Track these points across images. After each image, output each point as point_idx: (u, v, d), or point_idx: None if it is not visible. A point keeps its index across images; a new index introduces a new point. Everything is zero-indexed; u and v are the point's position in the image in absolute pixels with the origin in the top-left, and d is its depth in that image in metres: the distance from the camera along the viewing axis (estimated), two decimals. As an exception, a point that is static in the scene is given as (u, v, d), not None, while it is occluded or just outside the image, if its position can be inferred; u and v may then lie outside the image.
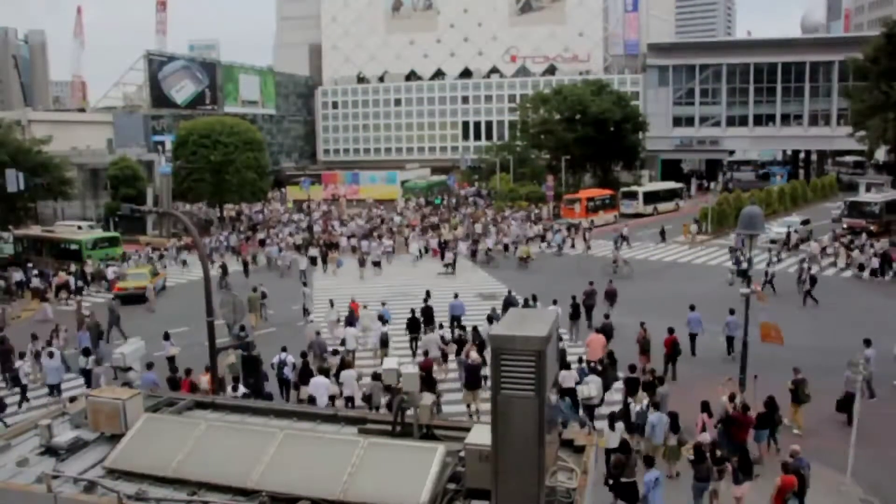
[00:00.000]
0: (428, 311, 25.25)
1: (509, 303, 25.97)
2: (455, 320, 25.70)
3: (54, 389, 21.21)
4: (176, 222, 55.44)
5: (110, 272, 37.84)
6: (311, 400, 17.90)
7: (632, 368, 19.17)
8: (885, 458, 16.25)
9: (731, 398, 16.24)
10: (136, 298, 33.29)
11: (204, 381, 18.29)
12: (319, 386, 18.20)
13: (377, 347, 22.71)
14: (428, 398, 8.20)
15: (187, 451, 7.37)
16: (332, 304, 27.24)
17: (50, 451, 7.87)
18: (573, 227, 50.94)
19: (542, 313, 6.84)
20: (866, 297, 31.80)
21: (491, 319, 23.44)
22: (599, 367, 19.58)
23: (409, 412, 8.03)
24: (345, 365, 19.74)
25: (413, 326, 24.45)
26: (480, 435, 6.70)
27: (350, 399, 18.64)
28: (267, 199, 72.47)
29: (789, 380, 17.90)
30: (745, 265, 21.93)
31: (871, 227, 44.84)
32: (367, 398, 18.14)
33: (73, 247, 42.27)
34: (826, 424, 18.08)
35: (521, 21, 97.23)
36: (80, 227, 49.20)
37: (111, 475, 7.31)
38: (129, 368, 19.13)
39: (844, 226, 47.07)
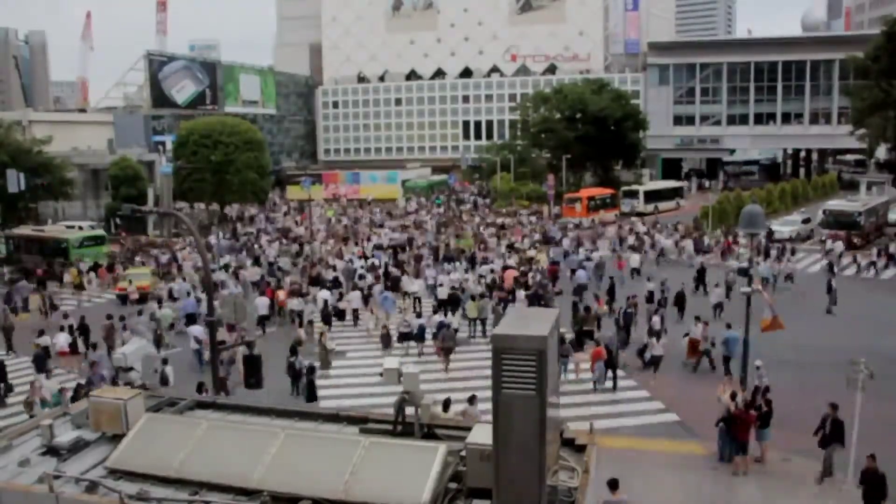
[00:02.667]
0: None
1: (447, 258, 37.82)
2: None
3: None
4: (177, 222, 55.47)
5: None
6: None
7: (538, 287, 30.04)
8: (886, 458, 16.22)
9: (733, 397, 16.25)
10: (138, 298, 33.42)
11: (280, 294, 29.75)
12: (354, 298, 29.53)
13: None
14: (429, 398, 8.20)
15: (189, 451, 7.37)
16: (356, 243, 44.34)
17: (51, 451, 7.87)
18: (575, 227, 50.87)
19: (543, 312, 6.84)
20: (872, 295, 31.75)
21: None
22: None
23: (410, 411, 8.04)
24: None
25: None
26: (482, 434, 6.70)
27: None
28: (267, 198, 72.35)
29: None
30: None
31: (854, 240, 40.40)
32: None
33: (62, 245, 42.96)
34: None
35: (522, 20, 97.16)
36: (80, 227, 49.32)
37: (113, 475, 7.31)
38: (131, 368, 19.19)
39: (824, 237, 41.93)
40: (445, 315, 25.63)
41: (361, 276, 33.30)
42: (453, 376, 22.23)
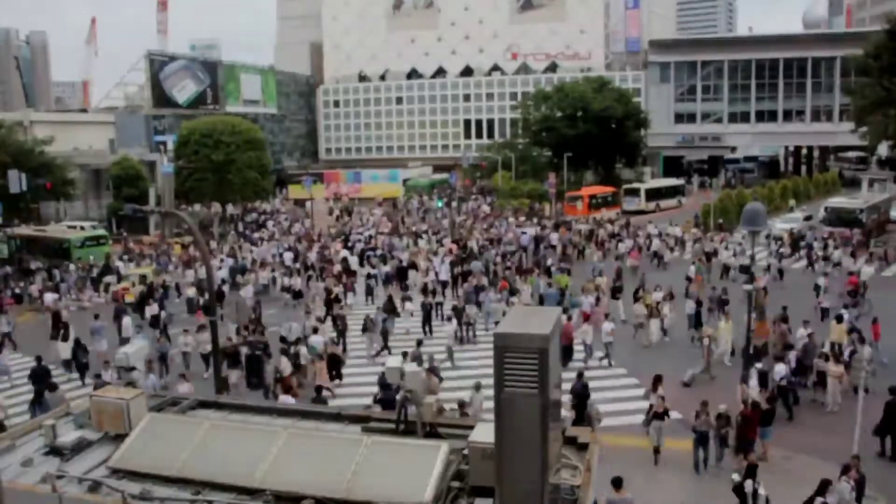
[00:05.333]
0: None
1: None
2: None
3: None
4: (179, 222, 55.54)
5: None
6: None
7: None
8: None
9: (744, 400, 16.37)
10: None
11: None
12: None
13: None
14: (431, 396, 8.20)
15: (191, 451, 7.38)
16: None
17: (54, 451, 7.88)
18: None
19: (546, 311, 6.84)
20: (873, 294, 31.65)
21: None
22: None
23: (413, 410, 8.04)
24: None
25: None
26: (484, 432, 6.70)
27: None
28: (268, 198, 72.27)
29: None
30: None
31: (855, 237, 40.06)
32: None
33: (64, 245, 43.14)
34: (830, 421, 18.07)
35: (522, 19, 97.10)
36: (82, 228, 49.41)
37: (115, 475, 7.32)
38: (133, 368, 19.22)
39: (824, 235, 41.26)
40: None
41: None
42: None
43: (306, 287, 33.40)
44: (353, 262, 38.15)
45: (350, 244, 44.10)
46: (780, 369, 18.76)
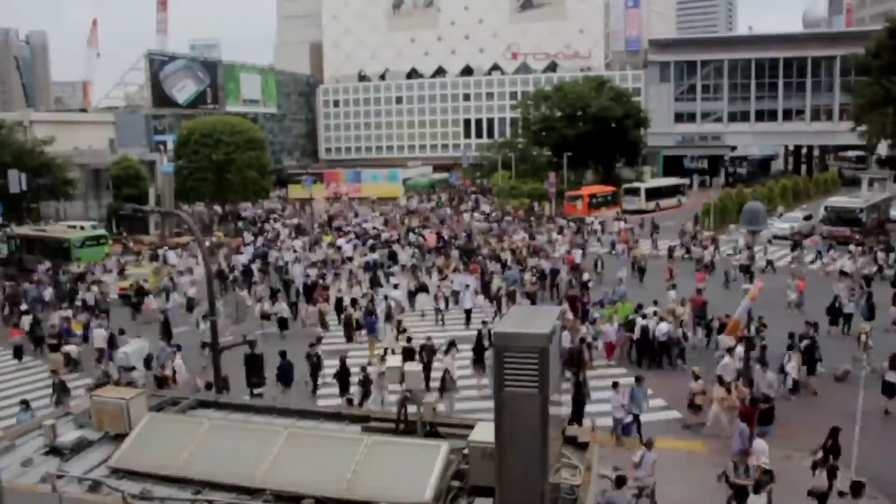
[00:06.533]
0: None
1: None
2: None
3: None
4: (179, 222, 55.52)
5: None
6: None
7: None
8: (891, 454, 16.22)
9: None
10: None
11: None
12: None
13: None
14: (432, 395, 8.20)
15: (191, 450, 7.37)
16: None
17: (54, 450, 7.88)
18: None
19: (546, 310, 6.84)
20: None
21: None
22: None
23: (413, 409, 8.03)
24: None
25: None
26: (484, 432, 6.70)
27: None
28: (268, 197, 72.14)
29: None
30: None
31: (856, 237, 39.49)
32: None
33: (64, 245, 43.12)
34: (830, 420, 18.05)
35: (522, 18, 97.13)
36: (82, 227, 49.39)
37: (116, 475, 7.32)
38: (133, 368, 19.24)
39: (823, 234, 40.96)
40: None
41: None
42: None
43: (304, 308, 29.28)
44: (348, 249, 40.01)
45: (350, 232, 47.05)
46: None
